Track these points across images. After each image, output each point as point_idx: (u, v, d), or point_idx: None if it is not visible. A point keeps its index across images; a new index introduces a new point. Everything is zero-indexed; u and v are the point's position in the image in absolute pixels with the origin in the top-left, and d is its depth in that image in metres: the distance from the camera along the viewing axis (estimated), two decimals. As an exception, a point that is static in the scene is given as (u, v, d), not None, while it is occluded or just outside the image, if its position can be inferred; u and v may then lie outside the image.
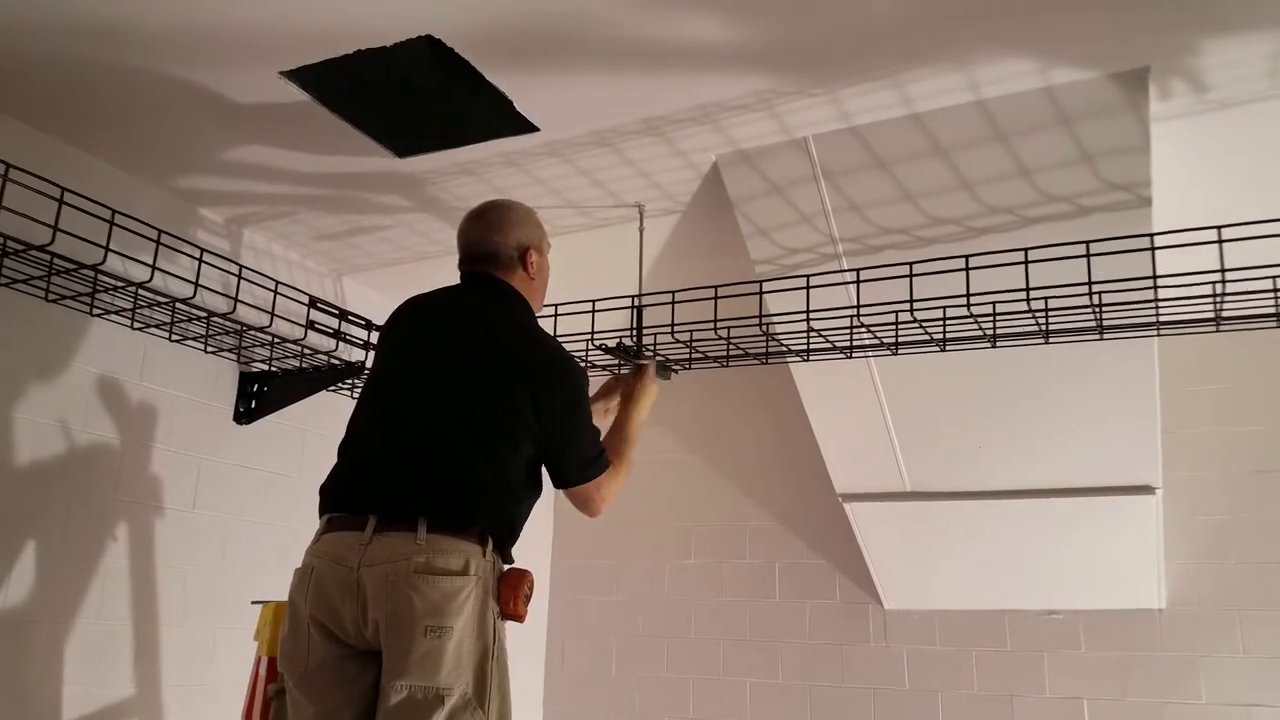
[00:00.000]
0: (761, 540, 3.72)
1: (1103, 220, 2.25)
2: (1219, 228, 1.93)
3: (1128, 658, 3.14)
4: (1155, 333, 2.21)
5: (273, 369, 2.80)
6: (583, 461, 1.95)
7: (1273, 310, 2.11)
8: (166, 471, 2.60)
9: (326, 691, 1.77)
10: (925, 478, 3.00)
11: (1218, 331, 2.17)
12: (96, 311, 2.36)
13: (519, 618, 1.82)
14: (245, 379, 2.81)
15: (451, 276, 2.05)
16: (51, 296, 2.25)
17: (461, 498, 1.79)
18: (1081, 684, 3.17)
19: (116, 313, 2.37)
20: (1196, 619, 3.09)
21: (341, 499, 1.85)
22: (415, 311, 2.04)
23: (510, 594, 1.80)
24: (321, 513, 1.86)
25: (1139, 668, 3.12)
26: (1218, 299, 2.04)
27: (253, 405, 2.80)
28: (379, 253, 3.00)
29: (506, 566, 1.84)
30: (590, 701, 3.86)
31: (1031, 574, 3.16)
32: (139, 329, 2.46)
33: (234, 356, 2.75)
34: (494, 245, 2.02)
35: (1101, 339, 2.24)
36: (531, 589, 1.84)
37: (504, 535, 1.83)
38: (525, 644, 3.89)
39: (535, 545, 4.02)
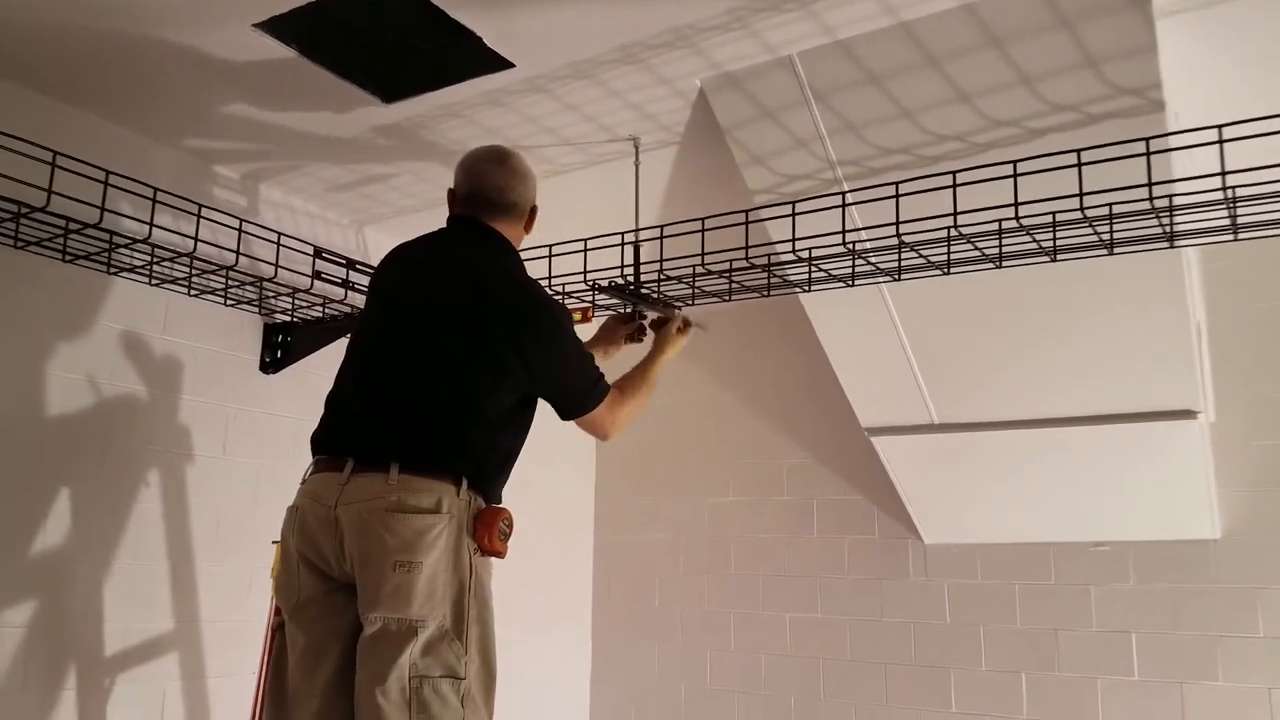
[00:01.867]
0: (799, 477, 3.68)
1: (1113, 127, 2.08)
2: (1219, 127, 1.76)
3: (1179, 590, 2.98)
4: (1167, 245, 2.05)
5: (295, 319, 2.89)
6: (580, 394, 1.98)
7: (1298, 214, 1.92)
8: (195, 420, 2.73)
9: (315, 623, 1.86)
10: (951, 409, 2.89)
11: (1235, 240, 2.00)
12: (113, 270, 2.47)
13: (498, 553, 1.86)
14: (269, 330, 2.90)
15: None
16: (68, 257, 2.36)
17: (433, 441, 1.83)
18: (1129, 617, 3.04)
19: (131, 270, 2.48)
20: (1254, 549, 2.90)
21: (325, 443, 1.93)
22: (399, 259, 2.07)
23: (485, 530, 1.84)
24: (312, 455, 1.94)
25: (1191, 600, 2.96)
26: (1230, 205, 1.87)
27: (278, 355, 2.90)
28: (392, 201, 3.04)
29: (486, 505, 1.87)
30: (636, 634, 3.92)
31: (1074, 505, 3.02)
32: (156, 285, 2.57)
33: (255, 309, 2.84)
34: (515, 195, 2.02)
35: (1111, 254, 2.09)
36: (509, 526, 1.88)
37: (479, 475, 1.86)
38: (572, 580, 3.99)
39: (578, 487, 4.09)
